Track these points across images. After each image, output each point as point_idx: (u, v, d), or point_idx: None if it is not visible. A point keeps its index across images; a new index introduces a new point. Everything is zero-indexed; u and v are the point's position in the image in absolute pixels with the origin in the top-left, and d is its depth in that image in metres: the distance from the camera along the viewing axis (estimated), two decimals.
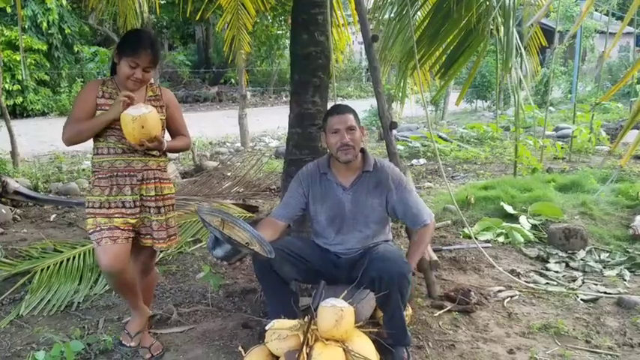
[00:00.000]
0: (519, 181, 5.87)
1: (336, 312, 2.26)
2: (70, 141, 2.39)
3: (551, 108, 12.95)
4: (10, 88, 13.53)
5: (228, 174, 6.22)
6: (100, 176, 2.42)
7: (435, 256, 3.30)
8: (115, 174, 2.41)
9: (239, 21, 5.68)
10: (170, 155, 8.77)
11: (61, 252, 3.89)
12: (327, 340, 2.29)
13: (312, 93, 3.26)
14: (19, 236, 4.61)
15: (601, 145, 8.51)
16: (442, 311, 3.07)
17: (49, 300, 3.26)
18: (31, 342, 2.78)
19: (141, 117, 2.29)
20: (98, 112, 2.38)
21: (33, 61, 13.85)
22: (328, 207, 2.64)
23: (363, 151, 2.68)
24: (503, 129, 10.76)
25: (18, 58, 13.49)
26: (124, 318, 3.03)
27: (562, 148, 8.12)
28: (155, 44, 2.42)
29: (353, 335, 2.36)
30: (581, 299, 3.25)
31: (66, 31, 14.60)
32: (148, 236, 2.52)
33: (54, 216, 5.26)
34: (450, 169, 7.86)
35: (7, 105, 12.16)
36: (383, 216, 2.66)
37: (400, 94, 4.83)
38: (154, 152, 2.49)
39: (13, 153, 7.17)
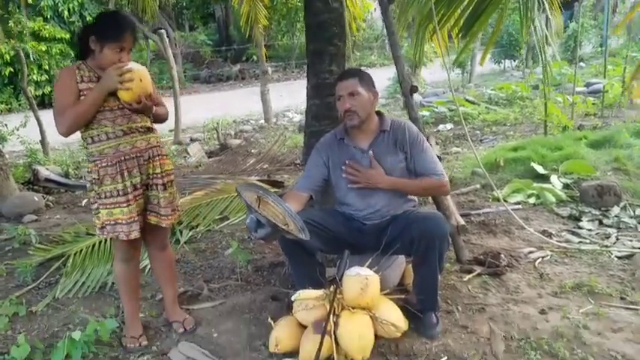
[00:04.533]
0: (550, 140, 5.72)
1: (361, 280, 2.26)
2: (70, 129, 2.30)
3: (581, 64, 12.54)
4: (38, 79, 13.81)
5: (253, 151, 6.24)
6: (104, 164, 2.35)
7: (462, 221, 3.25)
8: (123, 158, 2.36)
9: None
10: (196, 135, 8.86)
11: (93, 235, 3.96)
12: (353, 308, 2.30)
13: (328, 62, 3.21)
14: (52, 222, 4.74)
15: (634, 99, 8.19)
16: (471, 275, 3.03)
17: (83, 282, 3.34)
18: (68, 323, 2.86)
19: (140, 70, 2.27)
20: (83, 98, 2.30)
21: (58, 51, 14.07)
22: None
23: (379, 113, 2.64)
24: (533, 88, 10.46)
25: (44, 49, 13.73)
26: (157, 295, 3.09)
27: (593, 104, 7.85)
28: (134, 24, 2.36)
29: (379, 302, 2.36)
30: (616, 256, 3.17)
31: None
32: (153, 214, 2.52)
33: (85, 201, 5.37)
34: (477, 132, 7.71)
35: (35, 95, 12.47)
36: (404, 173, 2.61)
37: (420, 59, 4.73)
38: (149, 125, 2.46)
39: (43, 142, 7.34)
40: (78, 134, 2.40)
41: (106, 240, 3.82)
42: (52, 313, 3.00)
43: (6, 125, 6.93)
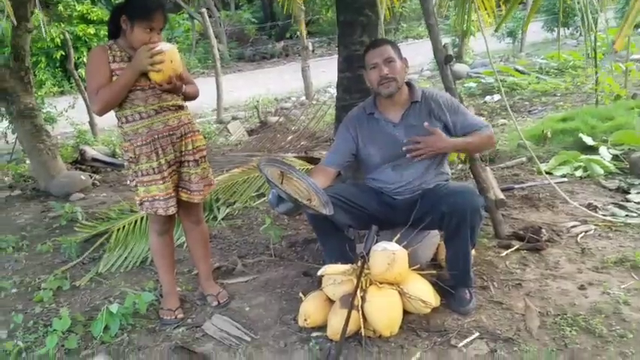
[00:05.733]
0: (600, 111, 5.43)
1: (388, 255, 2.22)
2: (104, 109, 2.34)
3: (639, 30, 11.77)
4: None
5: (292, 128, 6.23)
6: (139, 143, 2.39)
7: (501, 195, 3.13)
8: (156, 136, 2.40)
9: None
10: (238, 114, 8.93)
11: (136, 212, 4.08)
12: (381, 283, 2.27)
13: (359, 33, 3.13)
14: (98, 200, 4.91)
15: None
16: (509, 251, 2.93)
17: (125, 257, 3.45)
18: (109, 296, 2.97)
19: (170, 51, 2.28)
20: (114, 78, 2.33)
21: (106, 33, 14.37)
22: (381, 146, 2.56)
23: (408, 84, 2.56)
24: (587, 56, 9.92)
25: (92, 32, 14.08)
26: (193, 270, 3.15)
27: None
28: (163, 4, 2.36)
29: (408, 278, 2.32)
30: None
31: None
32: (185, 190, 2.55)
33: None
34: (526, 103, 7.42)
35: (83, 78, 12.85)
36: None
37: (468, 28, 4.56)
38: (180, 103, 2.48)
39: (92, 123, 7.58)
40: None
41: (146, 216, 3.93)
42: (94, 287, 3.11)
43: (55, 107, 7.18)
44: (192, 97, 2.56)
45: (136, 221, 3.86)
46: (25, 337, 2.55)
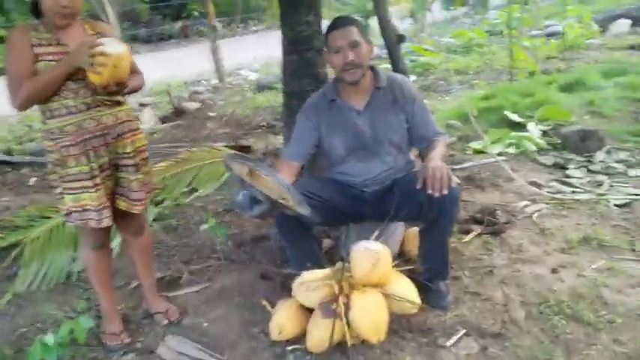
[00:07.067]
0: (519, 87, 5.60)
1: (372, 255, 2.03)
2: (26, 104, 1.96)
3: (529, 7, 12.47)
4: None
5: (212, 114, 5.84)
6: (66, 143, 2.01)
7: (455, 178, 3.04)
8: (87, 136, 2.02)
9: None
10: (145, 100, 8.31)
11: (50, 218, 3.57)
12: (363, 286, 2.08)
13: (304, 12, 2.87)
14: (0, 206, 4.27)
15: (592, 39, 8.19)
16: (471, 236, 2.86)
17: (45, 272, 2.98)
18: (36, 321, 2.54)
19: (116, 56, 1.91)
20: (41, 64, 1.94)
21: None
22: (344, 136, 2.35)
23: (372, 68, 2.36)
24: (489, 34, 10.34)
25: None
26: (130, 283, 2.80)
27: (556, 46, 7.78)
28: None
29: (390, 277, 2.15)
30: (614, 205, 3.06)
31: None
32: (123, 198, 2.20)
33: (34, 179, 4.89)
34: (441, 82, 7.53)
35: None
36: (405, 134, 2.38)
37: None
38: (118, 98, 2.11)
39: None
40: None
41: (64, 223, 3.45)
42: (15, 312, 2.67)
43: None
44: (135, 90, 2.18)
45: (51, 229, 3.37)
46: None
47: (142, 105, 7.93)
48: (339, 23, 2.24)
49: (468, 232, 2.91)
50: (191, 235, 3.34)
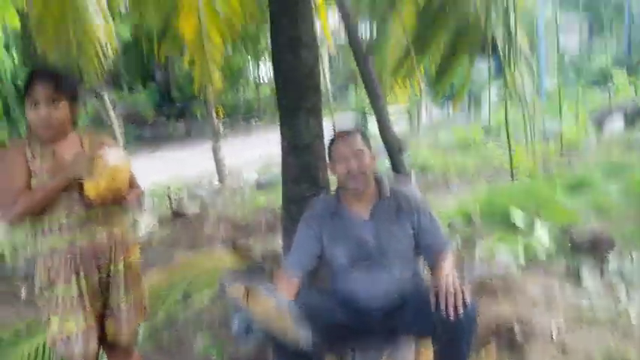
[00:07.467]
0: (521, 186, 5.53)
1: None
2: (20, 218, 1.87)
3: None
4: None
5: (211, 217, 5.74)
6: (56, 264, 1.90)
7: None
8: (78, 256, 1.91)
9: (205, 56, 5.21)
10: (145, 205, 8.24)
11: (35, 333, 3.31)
12: None
13: (304, 118, 2.84)
14: None
15: (589, 138, 8.29)
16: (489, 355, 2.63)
17: None
18: None
19: (113, 167, 1.83)
20: (33, 181, 1.88)
21: None
22: (348, 247, 2.22)
23: (376, 178, 2.29)
24: (485, 132, 10.51)
25: None
26: None
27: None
28: (55, 73, 1.96)
29: None
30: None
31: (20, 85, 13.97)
32: (112, 318, 2.05)
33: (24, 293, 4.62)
34: (440, 181, 7.51)
35: None
36: (411, 243, 2.25)
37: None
38: (114, 215, 2.02)
39: None
40: None
41: (36, 349, 3.18)
42: None
43: None
44: (133, 206, 2.08)
45: (36, 349, 3.11)
46: None
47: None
48: (343, 133, 2.23)
49: (484, 345, 2.69)
50: (184, 353, 3.09)
